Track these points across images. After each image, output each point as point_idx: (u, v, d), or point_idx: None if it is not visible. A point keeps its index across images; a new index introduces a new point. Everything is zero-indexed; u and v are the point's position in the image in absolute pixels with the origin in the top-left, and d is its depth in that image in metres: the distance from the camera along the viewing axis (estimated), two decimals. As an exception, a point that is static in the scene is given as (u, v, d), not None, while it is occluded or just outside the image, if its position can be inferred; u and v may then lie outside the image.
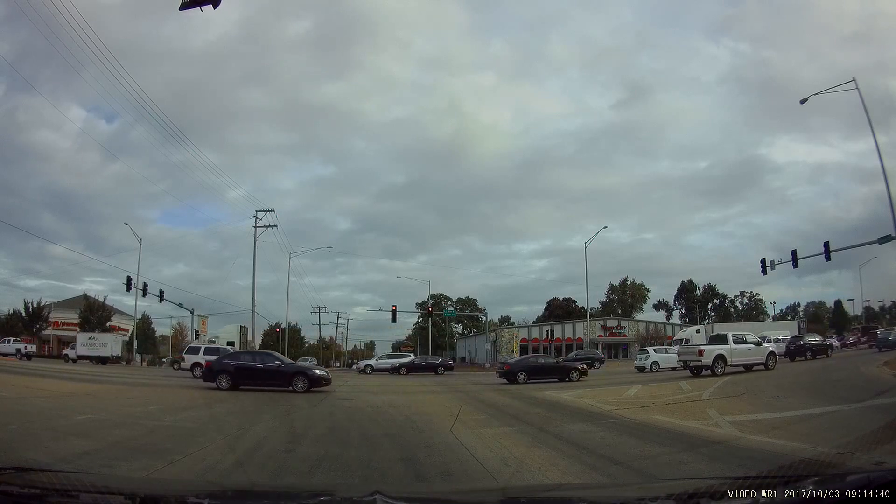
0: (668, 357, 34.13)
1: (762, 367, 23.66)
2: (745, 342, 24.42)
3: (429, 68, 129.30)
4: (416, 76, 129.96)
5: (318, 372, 21.16)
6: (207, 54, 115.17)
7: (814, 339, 37.99)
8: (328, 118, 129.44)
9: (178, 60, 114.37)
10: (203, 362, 21.80)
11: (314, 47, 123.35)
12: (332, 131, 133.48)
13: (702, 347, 24.41)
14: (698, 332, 45.89)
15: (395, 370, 43.19)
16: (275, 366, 20.44)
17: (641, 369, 35.35)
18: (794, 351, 33.11)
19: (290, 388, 19.36)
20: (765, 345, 25.94)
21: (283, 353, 60.28)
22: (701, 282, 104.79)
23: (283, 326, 63.96)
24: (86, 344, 49.41)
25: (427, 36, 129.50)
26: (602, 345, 70.53)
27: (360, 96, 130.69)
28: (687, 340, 42.30)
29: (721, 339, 24.88)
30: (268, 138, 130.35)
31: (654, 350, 38.46)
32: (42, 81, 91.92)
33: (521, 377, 26.92)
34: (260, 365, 20.39)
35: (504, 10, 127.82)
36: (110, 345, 50.29)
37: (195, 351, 33.60)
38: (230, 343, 54.69)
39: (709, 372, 22.90)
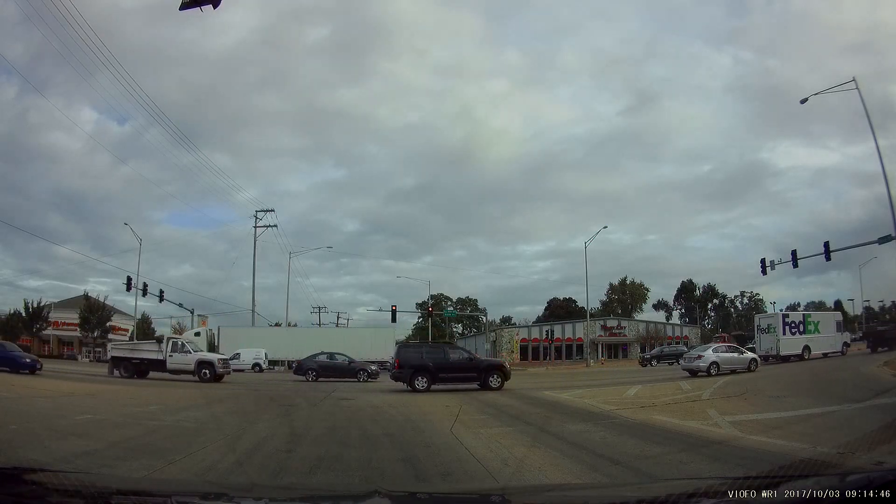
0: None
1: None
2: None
3: (443, 75, 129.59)
4: (430, 83, 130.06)
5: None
6: (225, 59, 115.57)
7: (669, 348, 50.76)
8: (341, 123, 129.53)
9: (195, 64, 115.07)
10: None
11: (331, 53, 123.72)
12: (344, 135, 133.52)
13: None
14: (197, 334, 46.72)
15: None
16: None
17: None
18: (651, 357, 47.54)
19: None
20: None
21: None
22: (702, 282, 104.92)
23: (282, 326, 64.05)
24: None
25: (443, 44, 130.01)
26: (602, 345, 70.54)
27: (375, 102, 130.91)
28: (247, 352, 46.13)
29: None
30: (280, 142, 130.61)
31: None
32: (56, 83, 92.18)
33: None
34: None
35: (519, 20, 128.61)
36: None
37: None
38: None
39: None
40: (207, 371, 25.16)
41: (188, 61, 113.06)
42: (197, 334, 47.91)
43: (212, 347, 46.87)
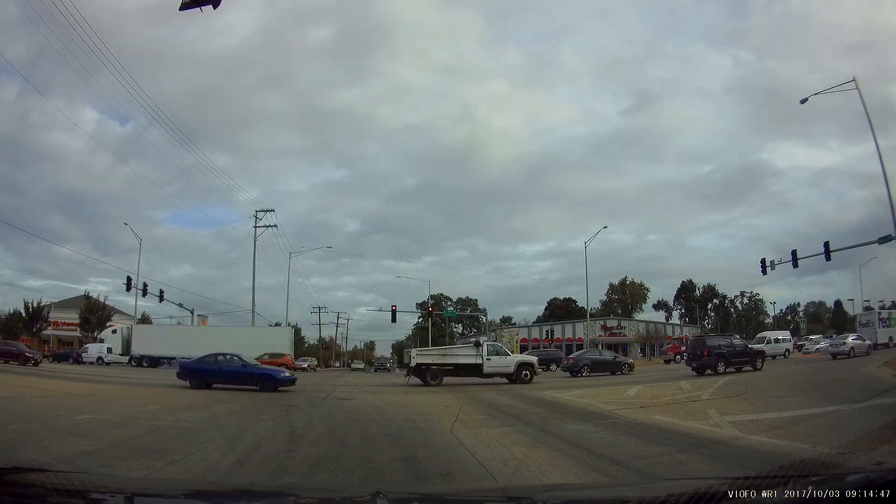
0: None
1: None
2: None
3: (444, 76, 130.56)
4: (431, 83, 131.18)
5: None
6: (226, 59, 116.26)
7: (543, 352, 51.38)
8: (343, 123, 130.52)
9: (196, 65, 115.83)
10: None
11: (332, 54, 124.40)
12: (345, 136, 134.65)
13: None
14: (114, 332, 49.72)
15: None
16: None
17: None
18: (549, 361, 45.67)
19: None
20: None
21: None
22: (702, 282, 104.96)
23: (282, 325, 63.97)
24: None
25: (444, 45, 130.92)
26: (602, 345, 70.54)
27: (375, 102, 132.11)
28: (102, 339, 49.70)
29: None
30: (281, 142, 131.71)
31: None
32: (57, 84, 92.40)
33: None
34: None
35: (519, 21, 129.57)
36: None
37: None
38: None
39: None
40: (528, 373, 25.26)
41: (189, 62, 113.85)
42: (114, 332, 48.83)
43: (126, 346, 48.29)
